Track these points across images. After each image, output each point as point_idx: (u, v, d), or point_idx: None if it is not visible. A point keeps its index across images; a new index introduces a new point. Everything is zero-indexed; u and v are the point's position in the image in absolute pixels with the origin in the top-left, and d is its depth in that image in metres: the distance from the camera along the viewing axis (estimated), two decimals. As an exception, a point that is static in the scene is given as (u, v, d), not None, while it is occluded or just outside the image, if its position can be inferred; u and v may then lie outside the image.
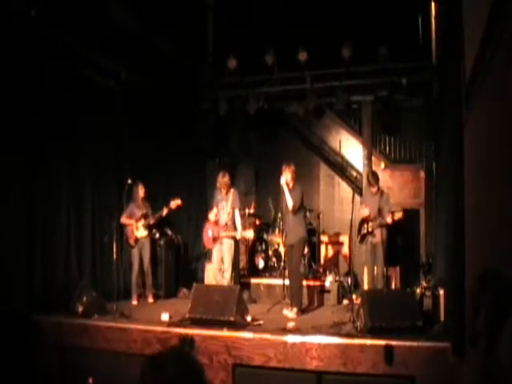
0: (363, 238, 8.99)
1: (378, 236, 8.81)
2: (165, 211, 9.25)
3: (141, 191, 9.31)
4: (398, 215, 8.77)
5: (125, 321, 7.46)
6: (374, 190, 8.95)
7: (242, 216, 9.37)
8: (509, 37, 3.76)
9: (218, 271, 9.12)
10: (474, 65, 5.08)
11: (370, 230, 8.85)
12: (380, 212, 8.80)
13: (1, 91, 7.25)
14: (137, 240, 9.23)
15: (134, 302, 9.13)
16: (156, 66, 10.06)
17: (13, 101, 7.47)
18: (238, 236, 9.08)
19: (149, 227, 9.30)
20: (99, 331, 7.19)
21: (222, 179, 9.09)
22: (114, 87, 9.39)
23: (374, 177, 9.14)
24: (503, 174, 4.09)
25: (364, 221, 8.96)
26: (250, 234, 9.22)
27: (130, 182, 9.06)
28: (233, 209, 9.08)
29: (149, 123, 10.18)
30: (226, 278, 8.96)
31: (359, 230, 9.10)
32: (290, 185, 8.48)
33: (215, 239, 9.09)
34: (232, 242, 9.11)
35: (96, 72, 8.99)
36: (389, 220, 8.68)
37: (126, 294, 9.33)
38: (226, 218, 9.06)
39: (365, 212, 8.92)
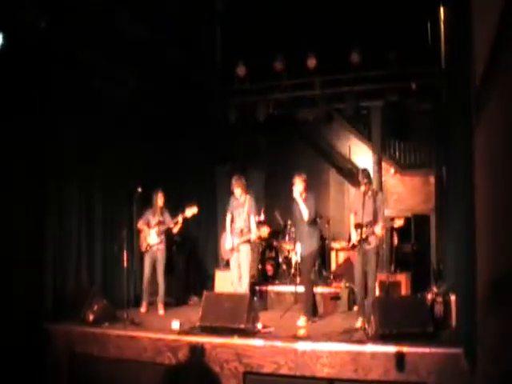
0: (355, 245, 8.14)
1: (371, 243, 8.04)
2: (180, 219, 9.21)
3: (160, 200, 9.31)
4: (399, 223, 8.42)
5: (135, 329, 7.46)
6: (364, 188, 8.08)
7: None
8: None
9: (237, 280, 8.96)
10: (484, 68, 5.06)
11: (364, 236, 8.00)
12: (375, 217, 8.03)
13: (10, 99, 7.30)
14: (148, 247, 9.22)
15: (143, 310, 9.14)
16: (165, 74, 10.09)
17: (22, 108, 7.51)
18: (253, 237, 8.94)
19: (163, 235, 9.28)
20: (110, 339, 7.20)
21: (237, 181, 8.94)
22: (124, 97, 9.40)
23: (365, 172, 8.31)
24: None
25: (357, 226, 8.12)
26: (264, 232, 9.11)
27: (140, 190, 9.06)
28: (249, 215, 8.95)
29: (158, 131, 10.20)
30: (243, 285, 8.87)
31: (350, 236, 8.37)
32: (303, 195, 8.37)
33: (233, 249, 8.99)
34: (248, 247, 8.98)
35: (105, 82, 9.00)
36: (378, 232, 7.93)
37: (137, 302, 9.32)
38: (242, 224, 8.94)
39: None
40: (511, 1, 3.91)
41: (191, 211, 9.18)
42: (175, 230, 9.35)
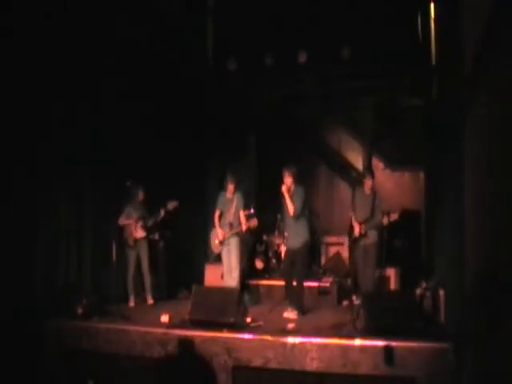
0: (356, 240, 8.96)
1: (371, 238, 8.84)
2: (162, 213, 9.27)
3: (140, 194, 9.38)
4: (394, 216, 8.74)
5: (125, 322, 7.45)
6: (369, 185, 8.93)
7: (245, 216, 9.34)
8: (508, 37, 3.76)
9: (228, 273, 9.15)
10: (474, 64, 5.10)
11: (362, 232, 8.82)
12: (372, 213, 8.78)
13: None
14: (135, 241, 9.25)
15: (131, 304, 9.19)
16: (155, 70, 10.04)
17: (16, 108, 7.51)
18: (244, 227, 9.08)
19: (147, 229, 9.32)
20: (99, 333, 7.18)
21: (230, 184, 9.12)
22: (112, 90, 9.35)
23: (370, 171, 9.26)
24: (504, 175, 4.09)
25: (356, 222, 8.96)
26: (254, 223, 9.15)
27: (128, 184, 9.08)
28: (237, 210, 9.13)
29: (148, 125, 10.14)
30: (234, 278, 8.99)
31: (350, 232, 9.12)
32: (292, 188, 8.42)
33: (221, 242, 9.15)
34: (238, 240, 9.15)
35: (93, 77, 8.94)
36: (385, 221, 8.72)
37: (126, 296, 9.32)
38: (230, 219, 9.12)
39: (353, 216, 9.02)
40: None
41: (172, 204, 9.29)
42: (152, 222, 9.40)
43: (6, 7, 7.11)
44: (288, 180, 8.37)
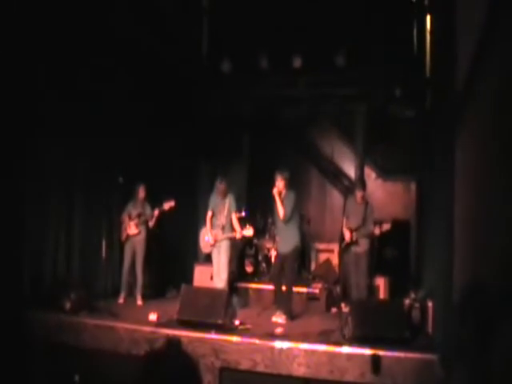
0: (347, 247, 8.95)
1: (362, 246, 8.76)
2: (156, 212, 9.28)
3: (141, 192, 9.41)
4: (386, 226, 8.74)
5: (113, 319, 7.44)
6: (360, 196, 8.88)
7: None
8: (501, 50, 3.82)
9: (217, 275, 9.13)
10: (467, 78, 5.15)
11: (353, 239, 8.78)
12: (364, 222, 8.77)
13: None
14: (127, 237, 9.27)
15: (121, 300, 9.16)
16: (151, 69, 10.05)
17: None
18: (238, 235, 9.05)
19: (143, 226, 9.33)
20: (86, 328, 7.18)
21: (220, 185, 9.10)
22: (109, 91, 9.35)
23: (362, 182, 9.28)
24: (493, 187, 4.14)
25: (348, 230, 8.92)
26: (249, 232, 9.12)
27: (121, 180, 9.09)
28: (230, 212, 9.11)
29: (142, 124, 10.15)
30: (222, 279, 8.98)
31: (341, 239, 9.11)
32: (283, 192, 8.46)
33: (213, 244, 9.13)
34: (229, 243, 9.12)
35: (91, 74, 8.93)
36: (376, 231, 8.69)
37: (115, 293, 9.31)
38: (223, 221, 9.09)
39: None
40: (492, 16, 4.01)
41: (169, 204, 9.28)
42: (151, 223, 9.39)
43: (6, 7, 7.11)
44: (280, 183, 8.40)
